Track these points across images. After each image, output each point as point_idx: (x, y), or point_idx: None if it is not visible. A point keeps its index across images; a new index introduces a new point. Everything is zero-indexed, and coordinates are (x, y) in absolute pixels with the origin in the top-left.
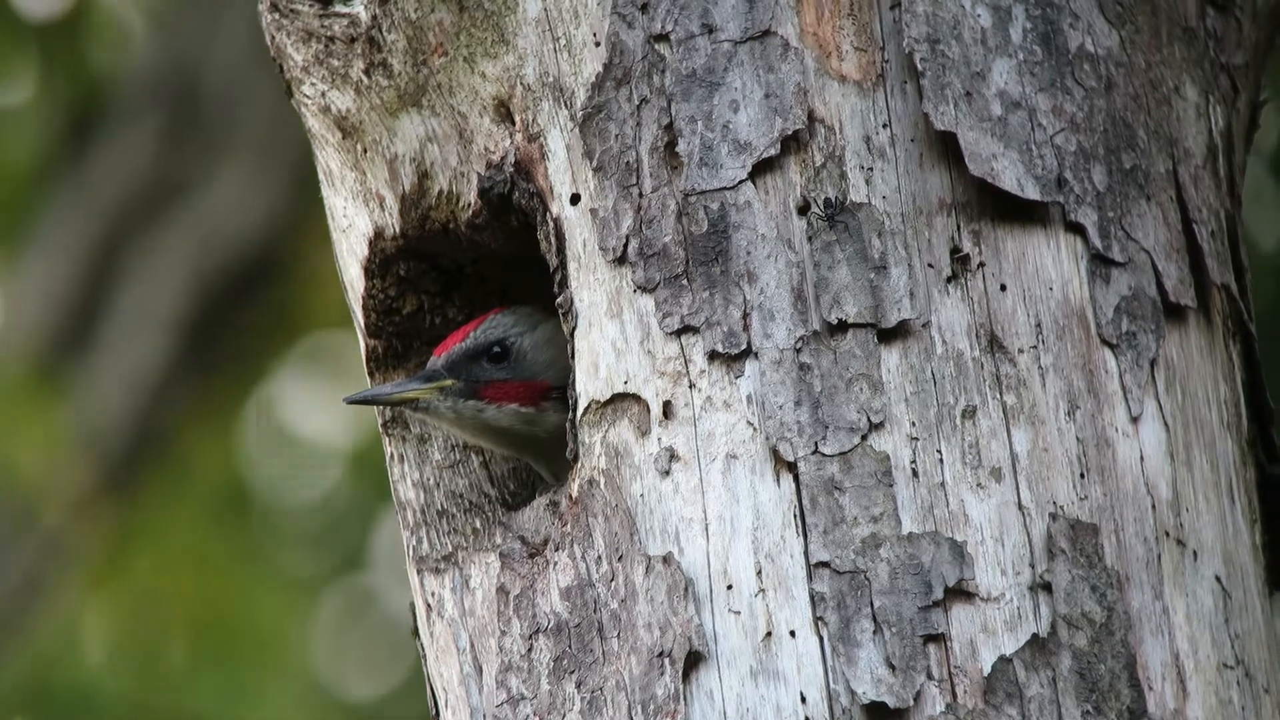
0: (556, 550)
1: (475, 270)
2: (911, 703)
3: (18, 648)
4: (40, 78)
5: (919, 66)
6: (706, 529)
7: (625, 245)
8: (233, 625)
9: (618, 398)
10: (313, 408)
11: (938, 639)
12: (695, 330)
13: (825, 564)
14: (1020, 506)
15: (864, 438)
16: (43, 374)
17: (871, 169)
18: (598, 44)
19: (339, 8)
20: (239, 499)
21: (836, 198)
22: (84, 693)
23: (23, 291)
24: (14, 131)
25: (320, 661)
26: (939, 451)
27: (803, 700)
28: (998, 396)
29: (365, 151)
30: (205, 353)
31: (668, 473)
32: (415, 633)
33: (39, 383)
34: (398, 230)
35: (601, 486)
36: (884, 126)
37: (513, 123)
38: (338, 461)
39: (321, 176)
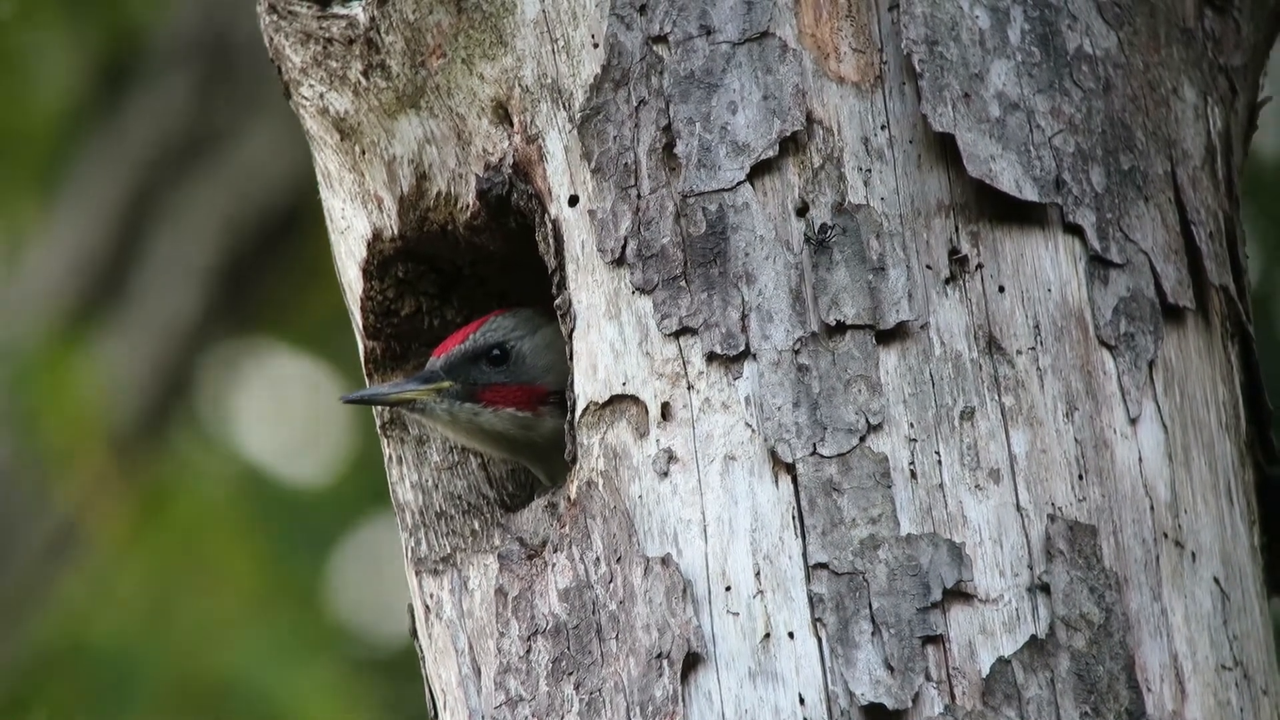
0: (555, 552)
1: (474, 272)
2: (910, 704)
3: (41, 617)
4: (72, 27)
5: (917, 68)
6: (705, 530)
7: (623, 246)
8: (269, 588)
9: (616, 399)
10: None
11: (936, 640)
12: (693, 332)
13: (823, 565)
14: (1019, 508)
15: (862, 439)
16: (74, 326)
17: (870, 170)
18: (596, 45)
19: (337, 9)
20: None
21: (826, 223)
22: (118, 659)
23: (55, 242)
24: (46, 81)
25: (351, 618)
26: (937, 453)
27: (801, 702)
28: (996, 398)
29: (363, 153)
30: (237, 303)
31: (666, 474)
32: (414, 634)
33: (68, 339)
34: (396, 232)
35: (600, 488)
36: (882, 128)
37: (511, 124)
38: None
39: (320, 178)
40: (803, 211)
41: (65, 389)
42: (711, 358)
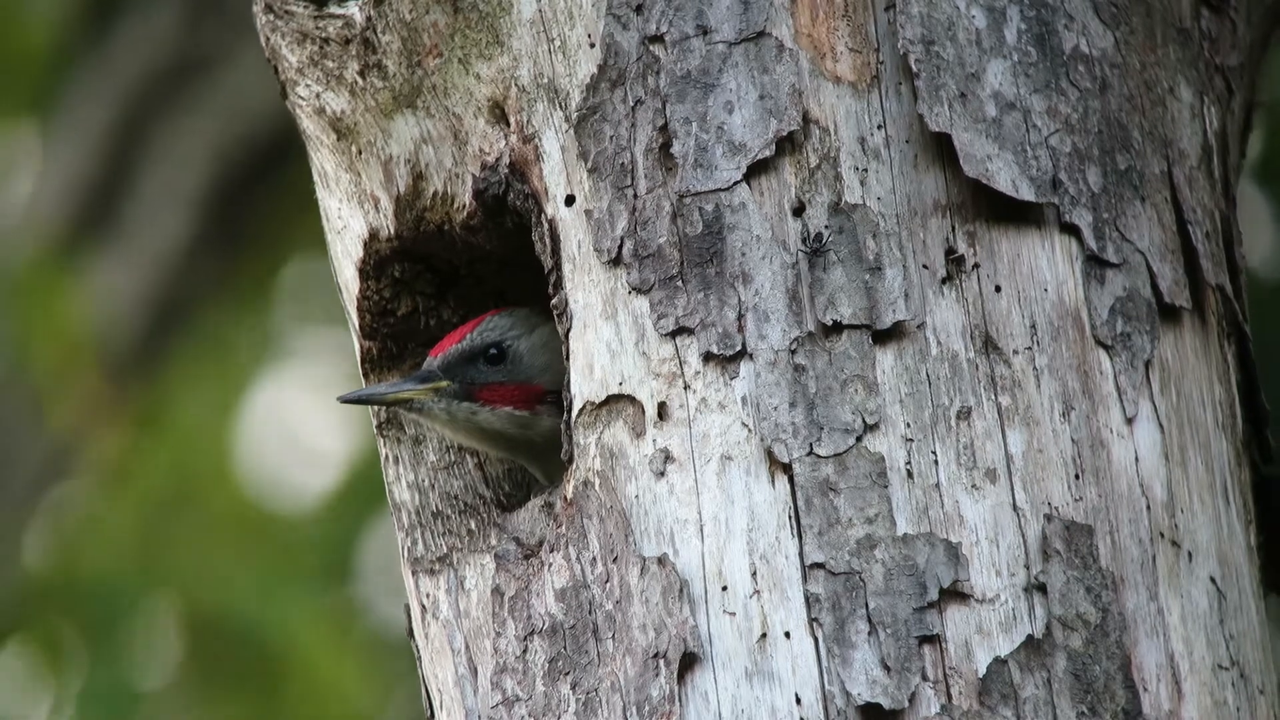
0: (551, 551)
1: (470, 272)
2: (906, 704)
3: (36, 545)
4: None
5: (913, 68)
6: (701, 530)
7: (620, 246)
8: (259, 520)
9: (612, 399)
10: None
11: (933, 640)
12: (690, 331)
13: (820, 565)
14: (1015, 508)
15: (859, 439)
16: (65, 252)
17: (866, 170)
18: (592, 45)
19: (334, 9)
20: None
21: (822, 232)
22: (111, 592)
23: (45, 169)
24: (37, 7)
25: (355, 568)
26: (934, 453)
27: (798, 701)
28: (993, 398)
29: (360, 153)
30: (227, 230)
31: (663, 474)
32: (410, 634)
33: (60, 263)
34: (392, 231)
35: (596, 488)
36: (879, 128)
37: (507, 124)
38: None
39: (316, 178)
40: (799, 211)
41: (57, 313)
42: (708, 357)
